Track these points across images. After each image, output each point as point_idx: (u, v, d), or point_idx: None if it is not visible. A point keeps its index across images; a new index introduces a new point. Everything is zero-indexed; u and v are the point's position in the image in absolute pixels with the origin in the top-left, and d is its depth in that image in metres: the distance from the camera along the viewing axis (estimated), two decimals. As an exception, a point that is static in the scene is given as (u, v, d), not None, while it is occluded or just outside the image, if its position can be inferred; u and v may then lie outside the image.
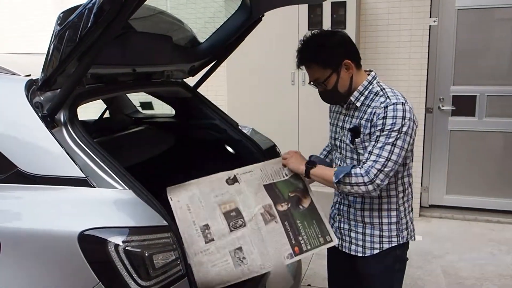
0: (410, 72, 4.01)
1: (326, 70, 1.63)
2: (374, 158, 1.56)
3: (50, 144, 1.39)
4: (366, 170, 1.56)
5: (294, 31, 3.81)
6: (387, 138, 1.55)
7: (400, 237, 1.74)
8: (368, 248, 1.75)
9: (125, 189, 1.35)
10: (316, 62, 1.64)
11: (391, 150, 1.55)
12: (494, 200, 4.14)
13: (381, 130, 1.57)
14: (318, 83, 1.67)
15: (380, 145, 1.56)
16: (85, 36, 1.28)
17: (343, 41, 1.66)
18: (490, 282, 3.01)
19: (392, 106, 1.57)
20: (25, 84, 1.47)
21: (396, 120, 1.55)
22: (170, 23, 2.14)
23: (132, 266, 1.26)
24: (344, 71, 1.64)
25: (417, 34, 3.94)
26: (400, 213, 1.74)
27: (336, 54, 1.63)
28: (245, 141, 2.40)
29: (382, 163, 1.55)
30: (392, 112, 1.56)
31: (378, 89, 1.66)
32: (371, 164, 1.56)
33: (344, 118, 1.76)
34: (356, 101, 1.68)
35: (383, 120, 1.56)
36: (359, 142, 1.66)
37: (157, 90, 2.45)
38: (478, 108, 4.06)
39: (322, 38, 1.66)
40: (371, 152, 1.58)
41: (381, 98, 1.62)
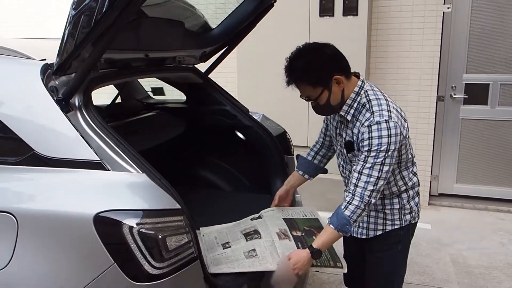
0: (423, 59, 3.96)
1: (316, 88, 1.62)
2: (365, 179, 1.57)
3: (65, 127, 1.41)
4: (360, 197, 1.57)
5: (305, 17, 3.78)
6: (376, 159, 1.56)
7: (403, 220, 1.79)
8: (372, 230, 1.80)
9: (139, 172, 1.37)
10: (306, 82, 1.62)
11: (380, 169, 1.56)
12: (505, 190, 4.12)
13: (369, 150, 1.57)
14: (310, 99, 1.67)
15: (370, 166, 1.56)
16: (100, 21, 1.29)
17: (330, 57, 1.63)
18: (499, 271, 3.02)
19: (376, 125, 1.56)
20: (40, 68, 1.49)
21: (382, 140, 1.55)
22: (183, 9, 2.14)
23: (146, 248, 1.28)
24: (335, 85, 1.62)
25: (430, 21, 3.88)
26: (403, 200, 1.78)
27: (325, 71, 1.60)
28: (255, 127, 2.42)
29: (374, 182, 1.57)
30: (376, 132, 1.55)
31: (364, 101, 1.65)
32: (363, 186, 1.57)
33: (340, 125, 1.76)
34: (347, 115, 1.68)
35: (369, 140, 1.56)
36: (352, 156, 1.70)
37: (169, 75, 2.46)
38: (491, 96, 4.01)
39: (309, 56, 1.63)
40: (361, 172, 1.58)
41: (367, 113, 1.61)
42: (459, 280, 2.91)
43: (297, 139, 3.24)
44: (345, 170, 1.83)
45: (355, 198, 1.59)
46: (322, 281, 2.91)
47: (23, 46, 1.83)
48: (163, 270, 1.30)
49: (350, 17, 3.66)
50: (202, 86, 2.48)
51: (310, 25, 3.79)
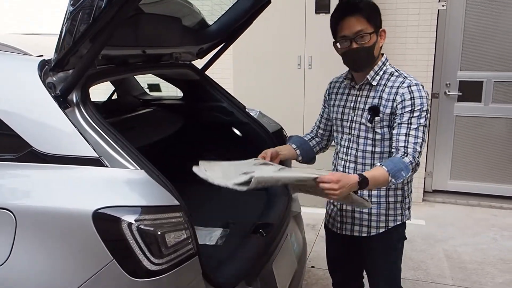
0: (417, 56, 3.99)
1: (370, 26, 1.64)
2: (413, 140, 1.59)
3: (63, 124, 1.41)
4: (412, 156, 1.57)
5: (301, 14, 3.79)
6: (419, 119, 1.60)
7: (403, 216, 1.80)
8: (374, 227, 1.79)
9: (138, 169, 1.37)
10: (362, 14, 1.63)
11: (423, 131, 1.61)
12: (497, 186, 4.17)
13: (411, 111, 1.61)
14: (360, 35, 1.62)
15: (415, 127, 1.60)
16: (98, 17, 1.28)
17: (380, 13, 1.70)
18: (492, 266, 3.06)
19: (415, 86, 1.63)
20: (38, 64, 1.48)
21: (423, 100, 1.62)
22: (180, 5, 2.13)
23: (145, 244, 1.28)
24: (380, 38, 1.69)
25: (425, 18, 3.91)
26: (405, 192, 1.79)
27: (378, 17, 1.67)
28: (252, 124, 2.42)
29: (420, 143, 1.60)
30: (417, 92, 1.62)
31: (392, 70, 1.72)
32: (413, 147, 1.58)
33: (357, 98, 1.77)
34: (372, 80, 1.71)
35: (411, 100, 1.61)
36: (378, 121, 1.69)
37: (166, 72, 2.45)
38: (484, 94, 4.05)
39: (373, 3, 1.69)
40: (408, 134, 1.60)
41: (399, 78, 1.68)
42: (453, 275, 2.95)
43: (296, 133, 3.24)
44: (349, 151, 1.79)
45: (408, 156, 1.57)
46: (319, 277, 2.93)
47: (20, 42, 1.82)
48: (162, 266, 1.31)
49: (346, 14, 3.67)
50: (199, 82, 2.47)
51: (306, 21, 3.79)
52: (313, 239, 3.44)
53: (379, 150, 1.73)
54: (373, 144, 1.73)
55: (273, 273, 1.85)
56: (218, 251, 1.82)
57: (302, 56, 3.80)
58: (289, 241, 2.14)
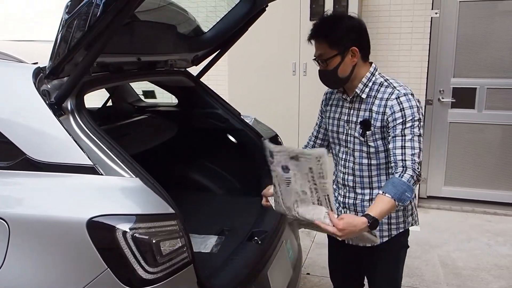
0: (411, 63, 4.02)
1: (332, 50, 1.62)
2: (410, 152, 1.54)
3: (57, 131, 1.40)
4: (412, 169, 1.52)
5: (296, 21, 3.81)
6: (412, 129, 1.56)
7: (406, 223, 1.78)
8: (379, 237, 1.74)
9: (132, 177, 1.37)
10: (325, 39, 1.62)
11: (419, 140, 1.57)
12: (491, 192, 4.19)
13: (403, 122, 1.57)
14: (321, 60, 1.66)
15: (410, 137, 1.56)
16: (94, 25, 1.28)
17: (358, 28, 1.65)
18: (486, 272, 3.06)
19: (404, 97, 1.59)
20: (32, 72, 1.48)
21: (413, 110, 1.58)
22: (175, 13, 2.14)
23: (140, 252, 1.28)
24: (349, 57, 1.63)
25: (418, 25, 3.94)
26: None
27: (348, 38, 1.61)
28: (247, 131, 2.42)
29: (418, 154, 1.55)
30: (407, 102, 1.58)
31: (381, 80, 1.67)
32: (411, 159, 1.53)
33: (349, 111, 1.73)
34: (362, 93, 1.68)
35: (401, 112, 1.58)
36: (370, 134, 1.66)
37: (161, 79, 2.46)
38: (477, 100, 4.08)
39: (339, 18, 1.66)
40: (403, 146, 1.56)
41: (388, 89, 1.64)
42: (448, 281, 2.95)
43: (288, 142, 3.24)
44: (346, 163, 1.77)
45: (407, 170, 1.52)
46: (314, 284, 2.93)
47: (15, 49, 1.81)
48: (156, 275, 1.30)
49: (340, 22, 3.70)
50: (194, 89, 2.48)
51: (301, 28, 3.81)
52: (309, 246, 3.43)
53: (375, 162, 1.70)
54: (369, 157, 1.70)
55: (268, 280, 1.84)
56: (213, 259, 1.81)
57: (297, 63, 3.81)
58: (284, 248, 2.13)
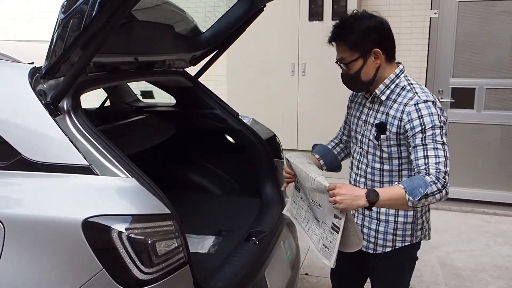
0: (410, 64, 4.01)
1: (353, 53, 1.55)
2: (434, 160, 1.42)
3: (53, 131, 1.40)
4: (435, 176, 1.40)
5: (295, 21, 3.81)
6: (435, 137, 1.45)
7: (414, 237, 1.68)
8: (380, 246, 1.69)
9: (128, 177, 1.36)
10: (345, 42, 1.55)
11: (444, 149, 1.45)
12: (490, 192, 4.18)
13: (423, 131, 1.46)
14: (343, 63, 1.59)
15: (432, 146, 1.44)
16: (89, 25, 1.28)
17: (379, 28, 1.57)
18: (486, 273, 3.06)
19: (424, 104, 1.49)
20: (28, 71, 1.47)
21: (433, 117, 1.47)
22: (172, 12, 2.13)
23: (135, 253, 1.27)
24: (372, 59, 1.55)
25: (417, 26, 3.94)
26: (417, 213, 1.66)
27: (368, 39, 1.53)
28: (245, 131, 2.42)
29: (444, 163, 1.43)
30: (426, 109, 1.48)
31: (405, 84, 1.58)
32: (435, 168, 1.41)
33: (368, 111, 1.66)
34: (381, 95, 1.59)
35: (419, 119, 1.47)
36: (384, 139, 1.58)
37: (159, 79, 2.45)
38: (476, 100, 4.07)
39: (359, 19, 1.56)
40: (426, 156, 1.44)
41: (409, 94, 1.54)
42: (447, 282, 2.95)
43: (287, 142, 3.25)
44: (360, 165, 1.71)
45: (429, 175, 1.41)
46: (312, 284, 2.92)
47: (11, 48, 1.81)
48: (152, 276, 1.29)
49: (339, 22, 3.69)
50: (192, 89, 2.47)
51: (300, 29, 3.81)
52: (307, 246, 3.42)
53: (387, 168, 1.62)
54: (381, 162, 1.62)
55: (266, 281, 1.83)
56: (210, 259, 1.80)
57: (295, 63, 3.81)
58: (282, 249, 2.13)
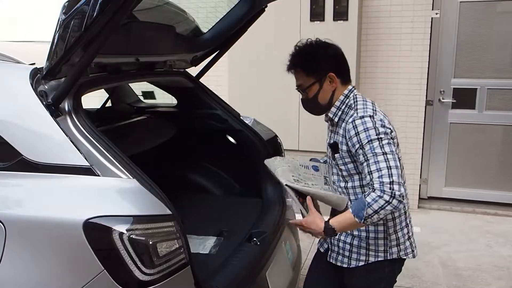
0: (412, 64, 4.01)
1: (309, 78, 1.65)
2: (377, 174, 1.48)
3: (54, 132, 1.40)
4: (380, 190, 1.45)
5: (296, 22, 3.80)
6: (373, 150, 1.50)
7: (388, 253, 1.68)
8: (354, 260, 1.72)
9: (129, 178, 1.36)
10: (302, 69, 1.66)
11: (385, 159, 1.48)
12: (492, 193, 4.17)
13: (361, 147, 1.53)
14: (301, 89, 1.69)
15: (373, 160, 1.50)
16: (90, 26, 1.28)
17: (334, 54, 1.67)
18: (487, 273, 3.05)
19: (360, 120, 1.55)
20: (29, 72, 1.48)
21: (369, 132, 1.52)
22: (173, 13, 2.13)
23: (136, 254, 1.27)
24: (328, 83, 1.65)
25: (419, 26, 3.93)
26: (389, 229, 1.67)
27: (323, 65, 1.64)
28: (246, 132, 2.42)
29: (387, 173, 1.46)
30: (361, 126, 1.54)
31: (351, 102, 1.65)
32: (378, 181, 1.47)
33: (330, 134, 1.76)
34: (334, 117, 1.68)
35: (356, 136, 1.54)
36: (339, 157, 1.66)
37: (160, 79, 2.45)
38: (478, 101, 4.07)
39: (314, 47, 1.67)
40: (370, 172, 1.50)
41: (351, 111, 1.62)
42: (448, 282, 2.94)
43: (288, 143, 3.25)
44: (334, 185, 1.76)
45: (375, 190, 1.47)
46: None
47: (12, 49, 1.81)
48: (153, 277, 1.29)
49: (340, 22, 3.69)
50: (193, 90, 2.47)
51: (301, 29, 3.81)
52: (308, 247, 3.42)
53: (351, 185, 1.68)
54: (344, 180, 1.69)
55: (267, 281, 1.83)
56: (212, 260, 1.80)
57: (296, 63, 3.80)
58: (284, 249, 2.13)
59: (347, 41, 3.70)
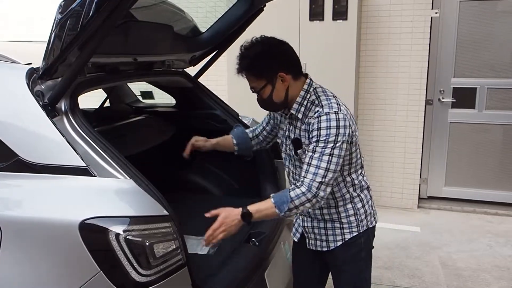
0: (411, 63, 4.00)
1: (260, 81, 1.64)
2: (313, 170, 1.53)
3: (51, 133, 1.39)
4: (307, 186, 1.52)
5: (295, 21, 3.79)
6: (324, 149, 1.54)
7: (360, 226, 1.76)
8: (332, 241, 1.76)
9: (126, 178, 1.35)
10: (251, 72, 1.65)
11: (329, 161, 1.53)
12: (492, 192, 4.16)
13: (317, 141, 1.55)
14: (255, 91, 1.69)
15: (318, 156, 1.54)
16: (86, 25, 1.27)
17: (280, 54, 1.65)
18: (487, 273, 3.04)
19: (325, 116, 1.56)
20: (26, 72, 1.47)
21: (330, 131, 1.54)
22: (172, 13, 2.12)
23: (133, 255, 1.27)
24: (280, 82, 1.64)
25: (418, 25, 3.92)
26: (356, 205, 1.75)
27: (271, 66, 1.62)
28: (245, 132, 2.40)
29: (322, 174, 1.52)
30: (325, 122, 1.55)
31: (314, 98, 1.66)
32: (311, 177, 1.53)
33: (289, 127, 1.75)
34: (297, 113, 1.68)
35: (317, 131, 1.56)
36: (302, 153, 1.67)
37: (158, 79, 2.44)
38: (478, 100, 4.06)
39: (260, 48, 1.64)
40: (309, 164, 1.55)
41: (316, 108, 1.62)
42: (448, 282, 2.93)
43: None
44: (294, 176, 1.79)
45: (303, 186, 1.53)
46: None
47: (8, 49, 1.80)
48: (150, 278, 1.29)
49: (340, 22, 3.68)
50: (191, 90, 2.46)
51: (300, 29, 3.80)
52: (308, 247, 3.41)
53: None
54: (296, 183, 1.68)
55: (266, 282, 1.83)
56: (210, 261, 1.79)
57: (296, 63, 3.80)
58: (283, 250, 2.12)
59: (346, 40, 3.70)
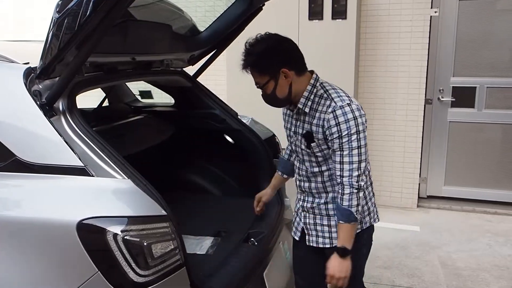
0: (411, 62, 3.99)
1: (264, 77, 1.67)
2: (348, 167, 1.60)
3: (48, 132, 1.38)
4: (349, 185, 1.59)
5: (294, 20, 3.78)
6: (350, 143, 1.59)
7: (363, 223, 1.79)
8: (335, 238, 1.76)
9: (124, 178, 1.35)
10: (255, 68, 1.68)
11: (359, 153, 1.59)
12: (492, 192, 4.16)
13: (340, 137, 1.60)
14: (259, 87, 1.72)
15: (347, 152, 1.59)
16: (84, 24, 1.27)
17: (284, 50, 1.68)
18: (487, 272, 3.04)
19: (340, 110, 1.60)
20: (23, 72, 1.46)
21: (349, 123, 1.59)
22: (170, 12, 2.12)
23: (131, 255, 1.26)
24: (283, 78, 1.66)
25: (418, 24, 3.91)
26: None
27: (274, 62, 1.65)
28: (244, 131, 2.40)
29: (357, 167, 1.59)
30: (342, 116, 1.59)
31: (321, 92, 1.68)
32: (348, 175, 1.59)
33: (296, 123, 1.78)
34: (305, 107, 1.70)
35: (337, 127, 1.60)
36: (315, 146, 1.70)
37: (157, 79, 2.43)
38: (477, 99, 4.05)
39: (264, 44, 1.67)
40: (341, 162, 1.60)
41: (327, 102, 1.65)
42: (448, 282, 2.93)
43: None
44: (300, 172, 1.82)
45: (345, 188, 1.60)
46: None
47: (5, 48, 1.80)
48: (148, 278, 1.28)
49: (339, 21, 3.67)
50: (190, 89, 2.46)
51: (300, 28, 3.79)
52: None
53: (325, 168, 1.74)
54: (319, 165, 1.74)
55: (265, 282, 1.82)
56: (209, 261, 1.79)
57: (295, 62, 3.79)
58: (282, 250, 2.11)
59: (346, 39, 3.69)
